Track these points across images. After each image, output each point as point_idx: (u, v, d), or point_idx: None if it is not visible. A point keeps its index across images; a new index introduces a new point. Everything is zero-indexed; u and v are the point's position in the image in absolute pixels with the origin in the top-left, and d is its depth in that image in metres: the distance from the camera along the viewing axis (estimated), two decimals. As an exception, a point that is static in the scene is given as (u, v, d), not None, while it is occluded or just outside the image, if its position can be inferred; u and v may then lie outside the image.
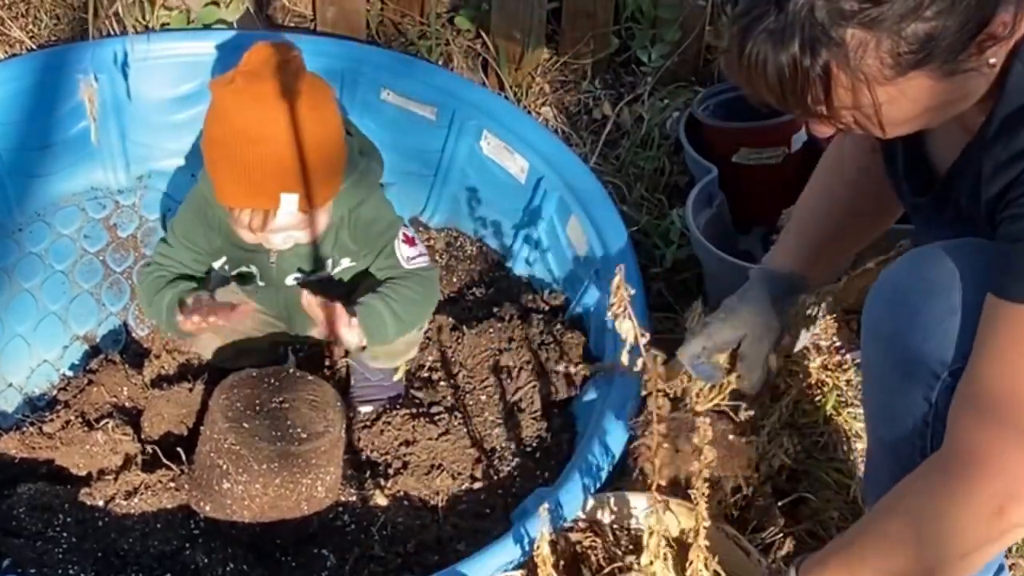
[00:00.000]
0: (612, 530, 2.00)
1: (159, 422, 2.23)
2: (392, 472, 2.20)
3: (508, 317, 2.43)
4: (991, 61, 1.43)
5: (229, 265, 2.22)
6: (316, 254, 2.17)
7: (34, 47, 2.85)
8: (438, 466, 2.21)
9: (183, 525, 2.06)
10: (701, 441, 1.58)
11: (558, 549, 1.94)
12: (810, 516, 2.12)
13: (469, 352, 2.39)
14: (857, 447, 2.21)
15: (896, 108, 1.43)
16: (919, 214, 1.73)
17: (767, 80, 1.41)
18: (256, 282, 2.23)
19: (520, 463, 2.23)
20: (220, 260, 2.22)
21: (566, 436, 2.26)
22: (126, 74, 2.67)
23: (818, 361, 2.17)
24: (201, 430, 2.11)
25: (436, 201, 2.77)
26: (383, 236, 2.19)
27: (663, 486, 1.68)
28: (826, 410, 2.21)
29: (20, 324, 2.49)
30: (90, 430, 2.19)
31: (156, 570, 1.99)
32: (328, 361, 2.43)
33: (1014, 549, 2.10)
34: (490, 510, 2.15)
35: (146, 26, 2.80)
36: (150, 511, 2.08)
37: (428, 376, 2.39)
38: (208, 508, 2.05)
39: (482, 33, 3.01)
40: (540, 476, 2.19)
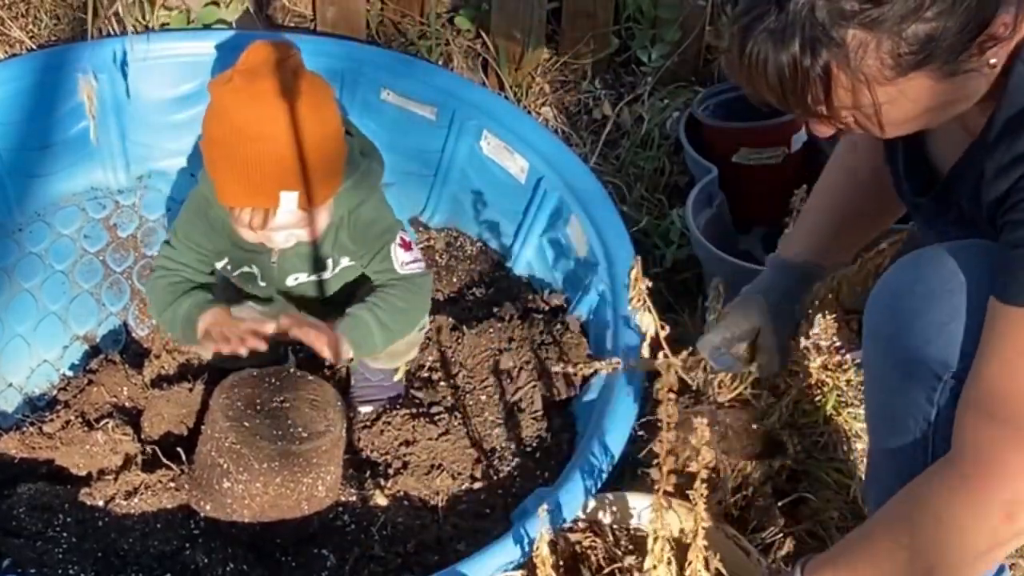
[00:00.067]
0: (612, 530, 2.00)
1: (159, 422, 2.23)
2: (392, 472, 2.20)
3: (508, 317, 2.43)
4: (992, 62, 1.42)
5: (231, 266, 2.22)
6: (316, 254, 2.17)
7: (34, 47, 2.85)
8: (438, 466, 2.21)
9: (183, 525, 2.06)
10: (699, 442, 1.58)
11: (558, 549, 1.94)
12: (810, 516, 2.12)
13: (469, 352, 2.38)
14: (857, 447, 2.21)
15: (896, 108, 1.43)
16: (920, 214, 1.73)
17: (767, 80, 1.41)
18: (257, 282, 2.23)
19: (520, 463, 2.23)
20: (222, 261, 2.22)
21: (566, 436, 2.26)
22: (126, 74, 2.67)
23: (818, 361, 2.16)
24: (201, 429, 2.11)
25: (436, 201, 2.77)
26: (381, 238, 2.19)
27: (669, 492, 1.68)
28: (826, 410, 2.21)
29: (20, 324, 2.49)
30: (90, 430, 2.19)
31: (156, 570, 1.98)
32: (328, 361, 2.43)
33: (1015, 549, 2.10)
34: (490, 510, 2.15)
35: (146, 26, 2.80)
36: (150, 511, 2.08)
37: (428, 376, 2.39)
38: (208, 508, 2.05)
39: (482, 33, 3.01)
40: (540, 476, 2.19)
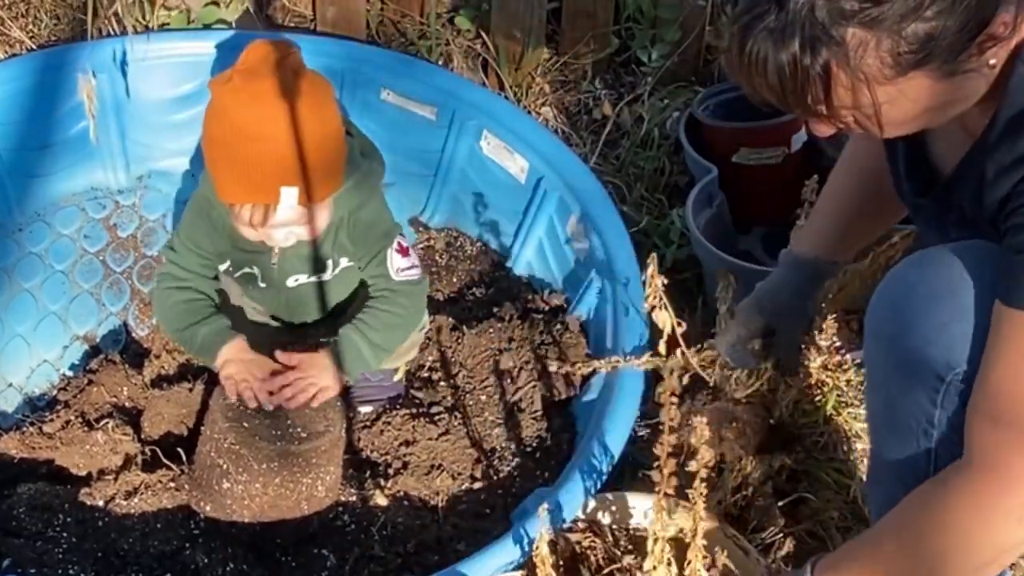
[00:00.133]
0: (611, 530, 2.00)
1: (159, 422, 2.23)
2: (392, 472, 2.20)
3: (508, 317, 2.43)
4: (991, 62, 1.42)
5: (232, 267, 2.22)
6: (316, 254, 2.17)
7: (34, 47, 2.85)
8: (438, 466, 2.21)
9: (183, 525, 2.06)
10: (698, 441, 1.58)
11: (558, 549, 1.94)
12: (810, 516, 2.12)
13: (469, 352, 2.38)
14: (857, 447, 2.21)
15: (896, 108, 1.43)
16: (921, 215, 1.73)
17: (767, 79, 1.41)
18: (258, 283, 2.23)
19: (520, 463, 2.22)
20: (225, 264, 2.22)
21: (566, 436, 2.26)
22: (126, 74, 2.67)
23: (818, 361, 2.16)
24: (201, 430, 2.11)
25: (436, 201, 2.77)
26: (379, 242, 2.19)
27: (670, 494, 1.68)
28: (826, 410, 2.21)
29: (20, 324, 2.49)
30: (90, 430, 2.19)
31: (156, 570, 1.99)
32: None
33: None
34: (490, 510, 2.15)
35: (146, 26, 2.80)
36: (150, 511, 2.08)
37: (428, 376, 2.39)
38: (208, 508, 2.05)
39: (482, 33, 3.01)
40: (540, 476, 2.19)
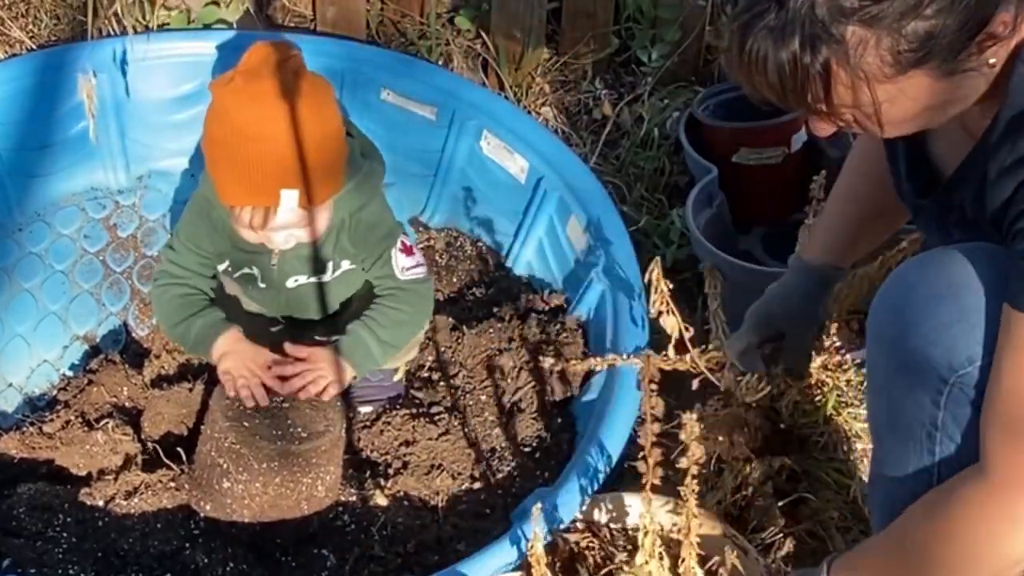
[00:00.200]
0: (610, 530, 2.00)
1: (159, 422, 2.23)
2: (392, 472, 2.20)
3: (508, 317, 2.43)
4: (991, 61, 1.42)
5: (232, 268, 2.22)
6: (316, 256, 2.17)
7: (34, 47, 2.85)
8: (438, 466, 2.21)
9: (183, 525, 2.06)
10: (688, 438, 1.58)
11: (556, 549, 1.94)
12: (810, 516, 2.12)
13: (469, 352, 2.38)
14: (857, 447, 2.21)
15: (896, 106, 1.43)
16: (922, 216, 1.73)
17: (767, 77, 1.41)
18: (257, 284, 2.23)
19: (520, 463, 2.22)
20: (224, 264, 2.22)
21: (566, 436, 2.26)
22: (126, 73, 2.67)
23: (818, 361, 2.17)
24: (201, 429, 2.11)
25: (436, 201, 2.76)
26: (382, 243, 2.19)
27: (657, 485, 1.68)
28: (826, 410, 2.21)
29: (20, 324, 2.49)
30: (90, 430, 2.19)
31: (156, 570, 1.98)
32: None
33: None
34: (490, 510, 2.15)
35: (146, 26, 2.80)
36: (150, 511, 2.08)
37: (428, 376, 2.39)
38: (208, 508, 2.05)
39: (482, 33, 3.01)
40: (540, 476, 2.19)
